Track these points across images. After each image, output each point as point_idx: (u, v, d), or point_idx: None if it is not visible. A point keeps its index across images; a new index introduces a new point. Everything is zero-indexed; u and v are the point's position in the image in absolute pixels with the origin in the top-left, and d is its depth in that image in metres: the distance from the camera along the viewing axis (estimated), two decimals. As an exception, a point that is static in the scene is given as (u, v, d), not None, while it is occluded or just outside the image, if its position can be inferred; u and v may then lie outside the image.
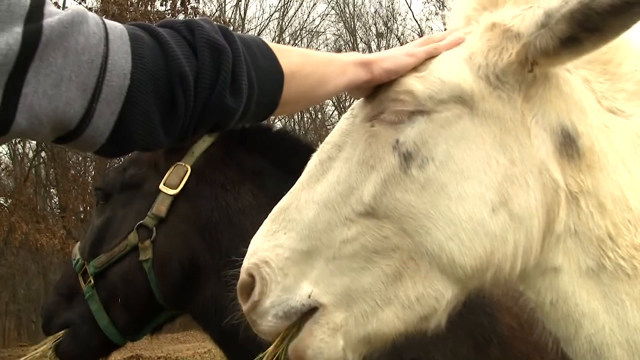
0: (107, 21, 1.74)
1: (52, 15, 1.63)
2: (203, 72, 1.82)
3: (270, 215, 2.19)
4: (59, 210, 25.41)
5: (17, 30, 1.55)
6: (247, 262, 2.12)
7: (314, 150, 3.36)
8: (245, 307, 2.11)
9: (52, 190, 28.27)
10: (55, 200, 28.20)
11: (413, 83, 2.14)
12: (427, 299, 2.05)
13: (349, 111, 2.27)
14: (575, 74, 2.21)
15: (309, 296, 2.04)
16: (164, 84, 1.76)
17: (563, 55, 2.04)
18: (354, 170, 2.12)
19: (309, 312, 2.05)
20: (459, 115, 2.08)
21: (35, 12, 1.60)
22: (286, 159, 3.68)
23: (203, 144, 3.77)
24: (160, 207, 3.67)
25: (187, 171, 3.71)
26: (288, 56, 2.04)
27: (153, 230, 3.65)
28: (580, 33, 2.00)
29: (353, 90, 2.24)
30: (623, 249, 2.07)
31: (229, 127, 1.99)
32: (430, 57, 2.21)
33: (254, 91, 1.92)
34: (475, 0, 2.29)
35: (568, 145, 2.09)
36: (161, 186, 3.69)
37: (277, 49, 2.05)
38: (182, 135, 1.86)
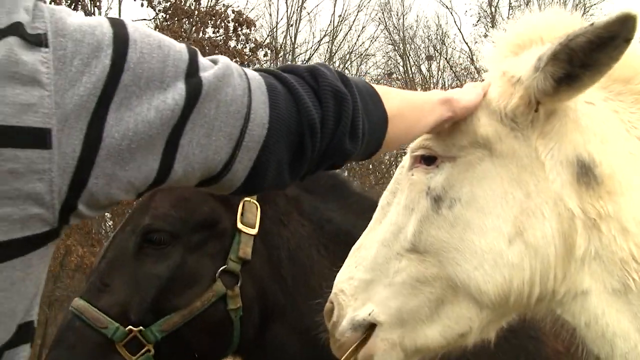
0: (247, 71, 1.84)
1: (206, 68, 1.72)
2: (327, 120, 1.92)
3: (350, 252, 2.62)
4: (112, 233, 25.77)
5: (181, 86, 1.64)
6: (332, 293, 2.57)
7: (325, 172, 3.66)
8: (329, 328, 2.58)
9: (106, 214, 28.68)
10: (109, 223, 28.61)
11: (437, 133, 2.42)
12: (463, 320, 2.33)
13: (401, 163, 2.62)
14: (602, 106, 2.35)
15: (369, 314, 2.44)
16: (295, 131, 1.86)
17: (562, 92, 2.22)
18: (400, 214, 2.48)
19: (372, 326, 2.45)
20: (480, 158, 2.33)
21: (193, 65, 1.69)
22: (310, 182, 3.59)
23: None
24: (246, 249, 3.34)
25: (257, 208, 3.44)
26: (389, 99, 2.17)
27: (239, 276, 3.31)
28: (576, 70, 2.16)
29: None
30: None
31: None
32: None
33: (366, 135, 2.05)
34: (506, 48, 2.50)
35: (584, 174, 2.24)
36: (240, 225, 3.37)
37: (381, 91, 2.17)
38: (302, 176, 2.00)
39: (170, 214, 3.37)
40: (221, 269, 3.29)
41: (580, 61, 2.15)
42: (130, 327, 3.15)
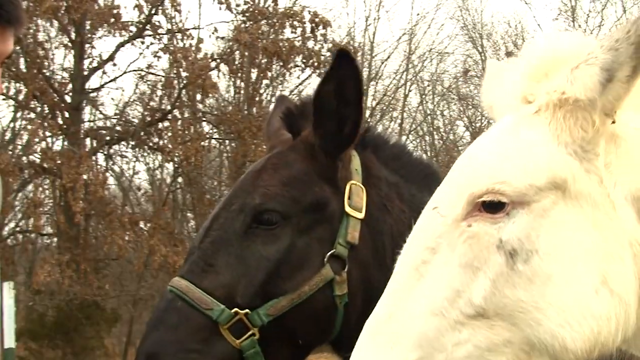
0: None
1: None
2: None
3: (369, 329, 2.16)
4: (195, 234, 26.19)
5: None
6: None
7: (421, 161, 3.50)
8: None
9: (188, 214, 29.17)
10: (191, 224, 29.07)
11: (510, 173, 2.13)
12: None
13: (432, 211, 2.25)
14: None
15: None
16: None
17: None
18: (457, 274, 2.10)
19: None
20: (554, 202, 2.10)
21: None
22: (406, 169, 3.56)
23: (355, 159, 3.40)
24: (354, 233, 3.23)
25: (364, 191, 3.33)
26: None
27: (346, 261, 3.21)
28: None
29: None
30: None
31: None
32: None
33: None
34: (528, 78, 2.30)
35: None
36: (348, 209, 3.26)
37: None
38: None
39: (282, 193, 3.24)
40: (330, 253, 3.18)
41: None
42: (236, 309, 3.05)
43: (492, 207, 2.10)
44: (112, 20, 23.36)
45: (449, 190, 2.22)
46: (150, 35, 24.61)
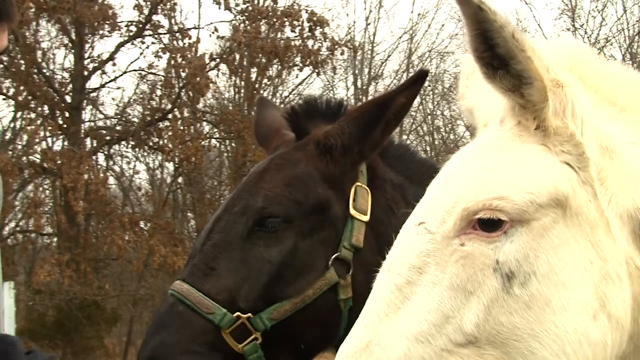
0: None
1: None
2: None
3: (344, 357, 1.98)
4: (195, 234, 26.20)
5: None
6: None
7: (425, 161, 3.46)
8: None
9: (188, 214, 29.15)
10: (192, 223, 29.04)
11: (508, 188, 2.00)
12: None
13: (418, 226, 2.08)
14: None
15: None
16: None
17: (522, 89, 2.07)
18: (446, 297, 1.95)
19: None
20: (555, 220, 1.98)
21: None
22: (412, 170, 3.54)
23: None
24: (359, 236, 3.20)
25: (369, 193, 3.31)
26: None
27: (350, 264, 3.18)
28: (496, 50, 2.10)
29: None
30: None
31: None
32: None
33: None
34: None
35: None
36: (353, 211, 3.23)
37: None
38: None
39: (285, 195, 3.19)
40: (334, 256, 3.15)
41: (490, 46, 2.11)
42: (238, 313, 3.02)
43: (489, 225, 1.96)
44: (110, 21, 23.34)
45: (437, 205, 2.08)
46: (150, 35, 24.62)
